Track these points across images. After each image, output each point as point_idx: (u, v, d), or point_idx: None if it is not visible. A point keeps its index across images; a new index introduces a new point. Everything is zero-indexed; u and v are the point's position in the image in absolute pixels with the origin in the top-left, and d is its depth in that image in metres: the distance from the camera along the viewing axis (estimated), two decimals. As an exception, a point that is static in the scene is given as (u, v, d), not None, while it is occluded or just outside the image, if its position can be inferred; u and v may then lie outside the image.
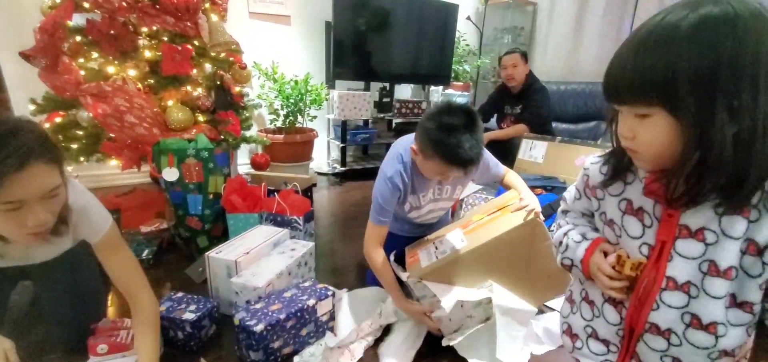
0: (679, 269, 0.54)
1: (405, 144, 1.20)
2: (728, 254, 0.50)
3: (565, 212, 0.76)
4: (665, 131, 0.48)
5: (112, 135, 1.69)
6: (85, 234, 0.95)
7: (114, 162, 1.80)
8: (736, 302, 0.52)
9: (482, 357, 1.08)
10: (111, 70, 1.74)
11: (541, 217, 1.06)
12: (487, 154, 1.24)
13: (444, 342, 1.10)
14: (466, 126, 0.98)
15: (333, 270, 1.66)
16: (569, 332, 0.72)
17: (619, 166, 0.60)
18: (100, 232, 0.96)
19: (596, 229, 0.68)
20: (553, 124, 2.48)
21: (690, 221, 0.53)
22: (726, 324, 0.52)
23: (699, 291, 0.53)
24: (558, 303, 1.17)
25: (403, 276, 1.16)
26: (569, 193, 0.75)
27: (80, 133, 1.74)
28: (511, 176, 1.29)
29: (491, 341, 1.06)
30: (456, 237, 1.15)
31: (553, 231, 0.79)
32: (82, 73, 1.68)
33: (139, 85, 1.76)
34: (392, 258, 1.21)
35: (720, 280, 0.51)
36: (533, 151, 1.79)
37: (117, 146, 1.72)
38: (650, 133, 0.49)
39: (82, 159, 1.75)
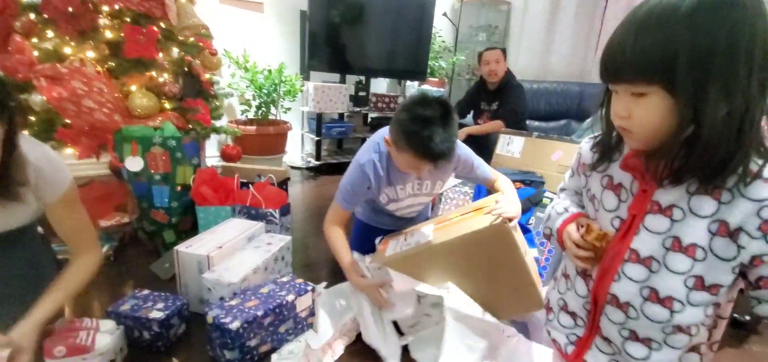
0: (644, 243, 0.56)
1: (384, 133, 1.18)
2: (693, 231, 0.52)
3: (562, 190, 0.78)
4: (661, 109, 0.49)
5: (68, 121, 1.56)
6: (46, 192, 0.85)
7: (70, 150, 1.65)
8: (703, 285, 0.53)
9: (428, 359, 1.03)
10: (68, 51, 1.60)
11: (514, 224, 0.99)
12: (473, 155, 1.23)
13: (401, 341, 1.09)
14: (440, 119, 0.96)
15: (307, 265, 1.62)
16: (547, 305, 0.75)
17: (607, 147, 0.62)
18: (61, 188, 0.87)
19: (582, 206, 0.70)
20: (526, 122, 2.54)
21: (662, 198, 0.55)
22: (684, 301, 0.54)
23: (660, 266, 0.55)
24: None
25: (366, 260, 1.14)
26: (565, 175, 0.77)
27: (33, 118, 1.58)
28: (501, 182, 1.25)
29: (441, 346, 0.99)
30: (425, 231, 1.13)
31: (530, 225, 0.79)
32: (36, 53, 1.53)
33: (99, 68, 1.62)
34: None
35: (681, 256, 0.53)
36: (510, 146, 1.82)
37: (73, 133, 1.58)
38: (647, 111, 0.50)
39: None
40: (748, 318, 1.38)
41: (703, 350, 0.60)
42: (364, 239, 1.38)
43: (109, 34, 1.64)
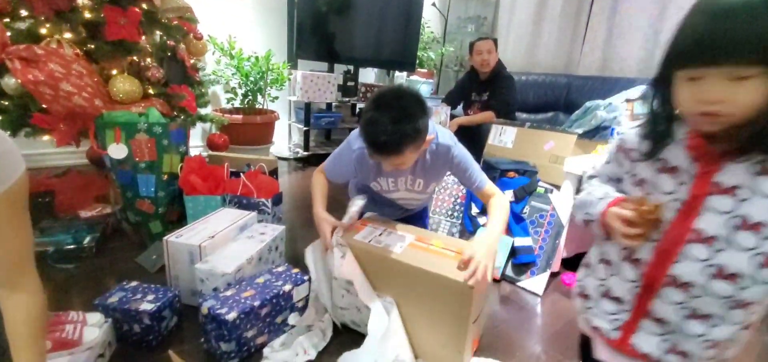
0: (709, 222, 0.57)
1: None
2: (759, 209, 0.54)
3: (591, 177, 0.77)
4: (762, 92, 0.50)
5: (44, 106, 1.47)
6: None
7: (46, 137, 1.57)
8: None
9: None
10: (43, 32, 1.50)
11: (480, 289, 0.95)
12: (469, 160, 1.14)
13: (331, 316, 1.14)
14: (390, 112, 0.92)
15: (295, 256, 1.59)
16: (582, 294, 0.74)
17: (661, 135, 0.62)
18: (8, 179, 0.61)
19: (622, 192, 0.69)
20: (516, 114, 2.56)
21: (723, 179, 0.56)
22: (751, 277, 0.55)
23: (726, 244, 0.56)
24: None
25: (344, 220, 1.11)
26: (598, 162, 0.76)
27: (6, 102, 1.48)
28: (494, 203, 1.12)
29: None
30: (400, 242, 1.08)
31: (524, 214, 0.77)
32: (9, 33, 1.43)
33: (78, 51, 1.53)
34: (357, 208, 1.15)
35: (748, 233, 0.54)
36: (503, 136, 1.83)
37: (51, 119, 1.49)
38: (747, 94, 0.51)
39: (8, 133, 1.50)
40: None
41: (753, 328, 0.61)
42: None
43: (88, 15, 1.55)
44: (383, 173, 1.16)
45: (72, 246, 1.44)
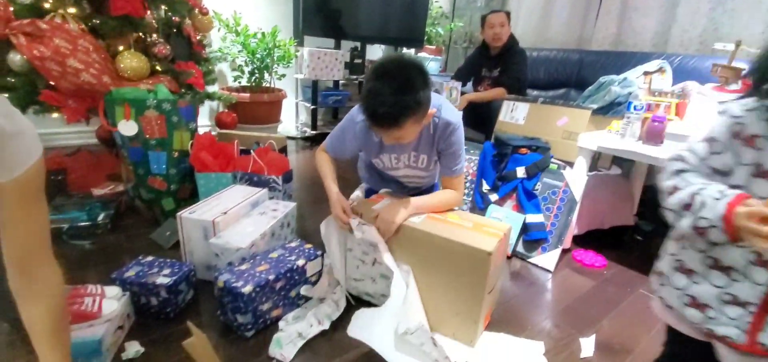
0: None
1: None
2: None
3: (681, 171, 0.66)
4: None
5: (52, 83, 1.46)
6: (5, 162, 0.56)
7: (56, 115, 1.56)
8: None
9: (368, 338, 0.96)
10: (47, 6, 1.48)
11: (497, 261, 0.99)
12: (462, 148, 1.13)
13: (345, 288, 1.14)
14: (391, 83, 0.88)
15: (305, 235, 1.59)
16: (695, 303, 0.66)
17: None
18: (26, 162, 0.58)
19: (732, 187, 0.60)
20: (527, 91, 2.51)
21: None
22: None
23: None
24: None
25: (353, 197, 1.13)
26: (696, 150, 0.66)
27: (12, 79, 1.48)
28: (448, 193, 1.15)
29: (384, 330, 0.96)
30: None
31: (536, 190, 0.72)
32: (12, 8, 1.41)
33: (83, 26, 1.51)
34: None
35: None
36: (514, 112, 1.80)
37: (59, 96, 1.49)
38: None
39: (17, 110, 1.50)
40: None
41: None
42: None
43: (92, -12, 1.52)
44: (385, 149, 1.14)
45: (87, 223, 1.45)
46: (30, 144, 0.59)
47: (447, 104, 1.09)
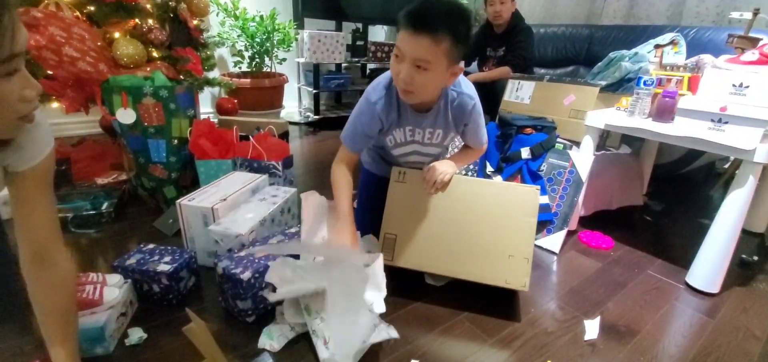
0: None
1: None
2: None
3: None
4: None
5: (50, 72, 1.45)
6: (22, 154, 0.61)
7: (56, 104, 1.56)
8: None
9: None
10: (40, -6, 1.46)
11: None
12: (482, 119, 1.14)
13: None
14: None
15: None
16: None
17: None
18: (44, 150, 0.63)
19: None
20: (534, 69, 2.44)
21: None
22: None
23: None
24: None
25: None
26: None
27: (10, 69, 1.47)
28: (473, 150, 1.21)
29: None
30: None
31: (541, 171, 0.71)
32: (4, -4, 1.40)
33: (78, 14, 1.50)
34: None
35: None
36: (520, 91, 1.75)
37: (58, 85, 1.48)
38: None
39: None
40: (755, 258, 1.40)
41: None
42: (371, 191, 1.31)
43: (85, -26, 1.50)
44: (402, 123, 1.10)
45: (91, 212, 1.46)
46: (46, 134, 0.64)
47: (464, 78, 1.08)
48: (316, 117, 2.98)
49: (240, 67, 2.75)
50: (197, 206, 1.17)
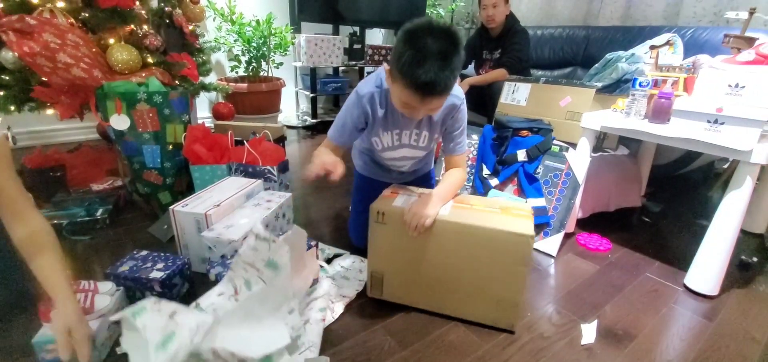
0: None
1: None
2: None
3: None
4: None
5: (44, 78, 1.45)
6: None
7: (51, 111, 1.56)
8: None
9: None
10: (35, 1, 1.46)
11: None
12: (465, 124, 1.13)
13: None
14: (437, 48, 0.84)
15: (308, 224, 1.58)
16: None
17: None
18: None
19: None
20: (530, 71, 2.44)
21: None
22: None
23: None
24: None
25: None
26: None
27: (6, 77, 1.47)
28: (455, 174, 1.13)
29: None
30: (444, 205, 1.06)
31: (537, 174, 0.69)
32: (1, 5, 1.40)
33: (72, 20, 1.49)
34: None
35: None
36: (516, 93, 1.74)
37: (52, 92, 1.48)
38: None
39: (12, 108, 1.49)
40: (755, 260, 1.38)
41: None
42: (364, 194, 1.30)
43: (79, -19, 1.49)
44: (389, 125, 1.11)
45: (86, 219, 1.46)
46: None
47: None
48: (314, 121, 2.98)
49: (237, 72, 2.75)
50: (190, 212, 1.17)
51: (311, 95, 2.90)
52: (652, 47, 1.48)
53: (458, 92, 1.07)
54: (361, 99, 1.05)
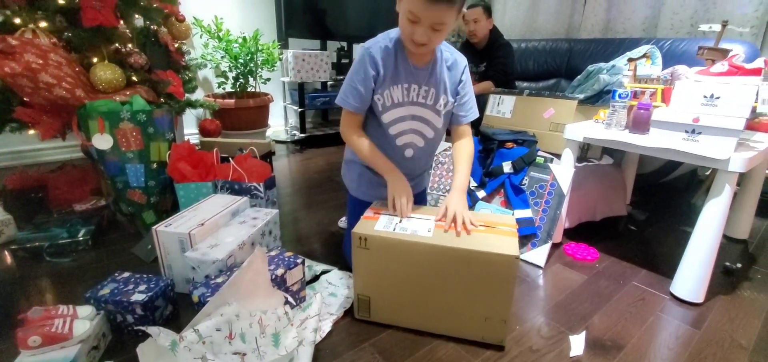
0: None
1: (394, 31, 1.09)
2: None
3: None
4: None
5: (26, 99, 1.43)
6: None
7: (32, 132, 1.53)
8: None
9: None
10: (17, 22, 1.45)
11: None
12: (471, 89, 1.18)
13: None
14: None
15: (298, 239, 1.57)
16: None
17: None
18: None
19: None
20: (516, 83, 2.48)
21: None
22: None
23: None
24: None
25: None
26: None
27: (-14, 98, 1.45)
28: (464, 149, 1.17)
29: None
30: (425, 225, 1.04)
31: (523, 185, 0.71)
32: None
33: (55, 40, 1.48)
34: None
35: None
36: (501, 106, 1.76)
37: (34, 112, 1.46)
38: None
39: (-6, 129, 1.47)
40: (739, 265, 1.40)
41: None
42: (357, 219, 1.27)
43: (61, 1, 1.49)
44: (398, 79, 1.08)
45: (67, 240, 1.42)
46: None
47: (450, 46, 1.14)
48: (303, 135, 2.98)
49: (224, 88, 2.75)
50: (173, 232, 1.15)
51: (300, 110, 2.90)
52: (630, 60, 1.52)
53: (460, 56, 1.13)
54: (369, 51, 1.05)
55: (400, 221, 1.06)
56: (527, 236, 1.43)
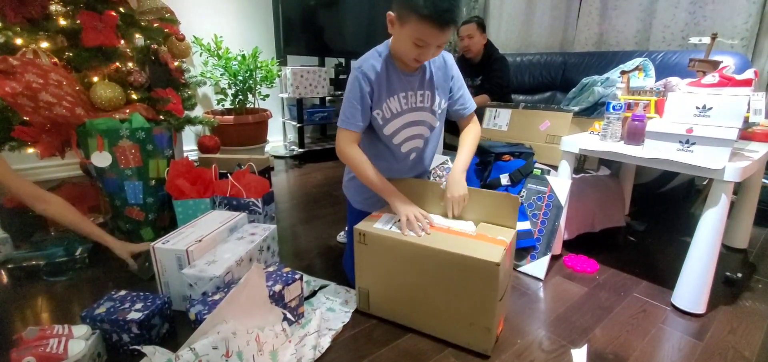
0: None
1: (382, 47, 1.12)
2: None
3: None
4: None
5: (26, 118, 1.44)
6: None
7: (31, 150, 1.54)
8: None
9: None
10: (19, 42, 1.47)
11: (505, 266, 1.00)
12: (462, 82, 1.22)
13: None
14: None
15: (297, 253, 1.57)
16: None
17: None
18: None
19: None
20: (511, 96, 2.50)
21: None
22: None
23: None
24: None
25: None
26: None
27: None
28: (472, 132, 1.23)
29: None
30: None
31: (521, 197, 0.71)
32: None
33: (56, 60, 1.50)
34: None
35: None
36: (497, 119, 1.78)
37: (33, 131, 1.47)
38: None
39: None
40: (739, 275, 1.40)
41: None
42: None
43: (62, 22, 1.51)
44: (392, 91, 1.11)
45: (64, 259, 1.41)
46: None
47: None
48: (302, 150, 2.99)
49: (223, 105, 2.77)
50: (171, 249, 1.14)
51: (298, 125, 2.92)
52: (623, 72, 1.54)
53: (447, 54, 1.18)
54: (361, 69, 1.08)
55: (398, 221, 1.10)
56: (526, 248, 1.42)
